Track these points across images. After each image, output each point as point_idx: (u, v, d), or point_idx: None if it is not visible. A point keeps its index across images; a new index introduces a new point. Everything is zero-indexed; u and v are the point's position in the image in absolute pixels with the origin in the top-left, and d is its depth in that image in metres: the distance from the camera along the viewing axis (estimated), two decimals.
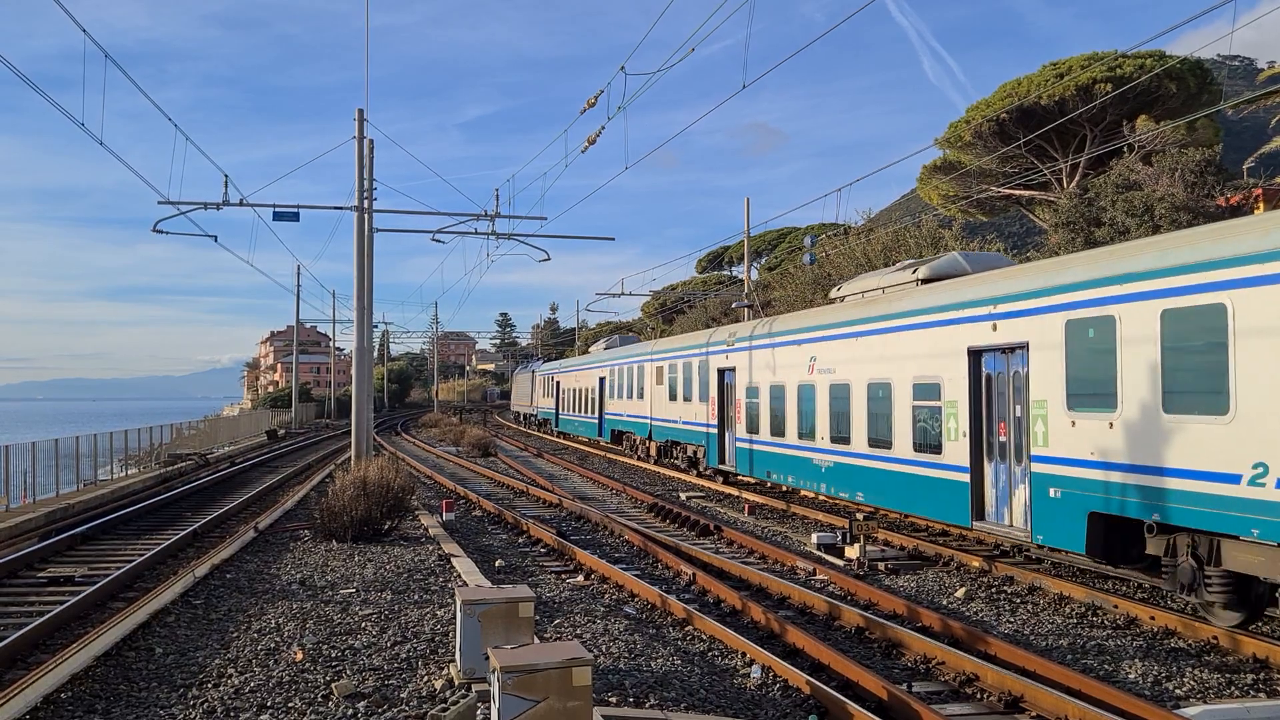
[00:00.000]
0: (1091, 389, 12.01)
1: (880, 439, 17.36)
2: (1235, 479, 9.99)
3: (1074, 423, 12.33)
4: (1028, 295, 13.39)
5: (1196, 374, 10.49)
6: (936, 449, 15.52)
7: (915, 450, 16.18)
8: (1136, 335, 11.31)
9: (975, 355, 14.69)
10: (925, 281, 17.18)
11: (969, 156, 41.37)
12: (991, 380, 14.47)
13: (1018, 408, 13.76)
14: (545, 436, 55.33)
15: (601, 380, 40.83)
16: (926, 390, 15.91)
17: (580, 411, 45.71)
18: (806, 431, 20.19)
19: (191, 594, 12.69)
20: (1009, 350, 13.97)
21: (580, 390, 45.76)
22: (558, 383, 52.29)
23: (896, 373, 16.82)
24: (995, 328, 14.09)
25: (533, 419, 64.39)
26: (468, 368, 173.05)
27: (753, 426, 22.95)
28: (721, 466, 25.77)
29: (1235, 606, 10.67)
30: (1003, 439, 14.15)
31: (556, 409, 52.52)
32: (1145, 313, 11.21)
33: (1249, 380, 9.86)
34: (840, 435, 18.84)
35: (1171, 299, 10.87)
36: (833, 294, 21.31)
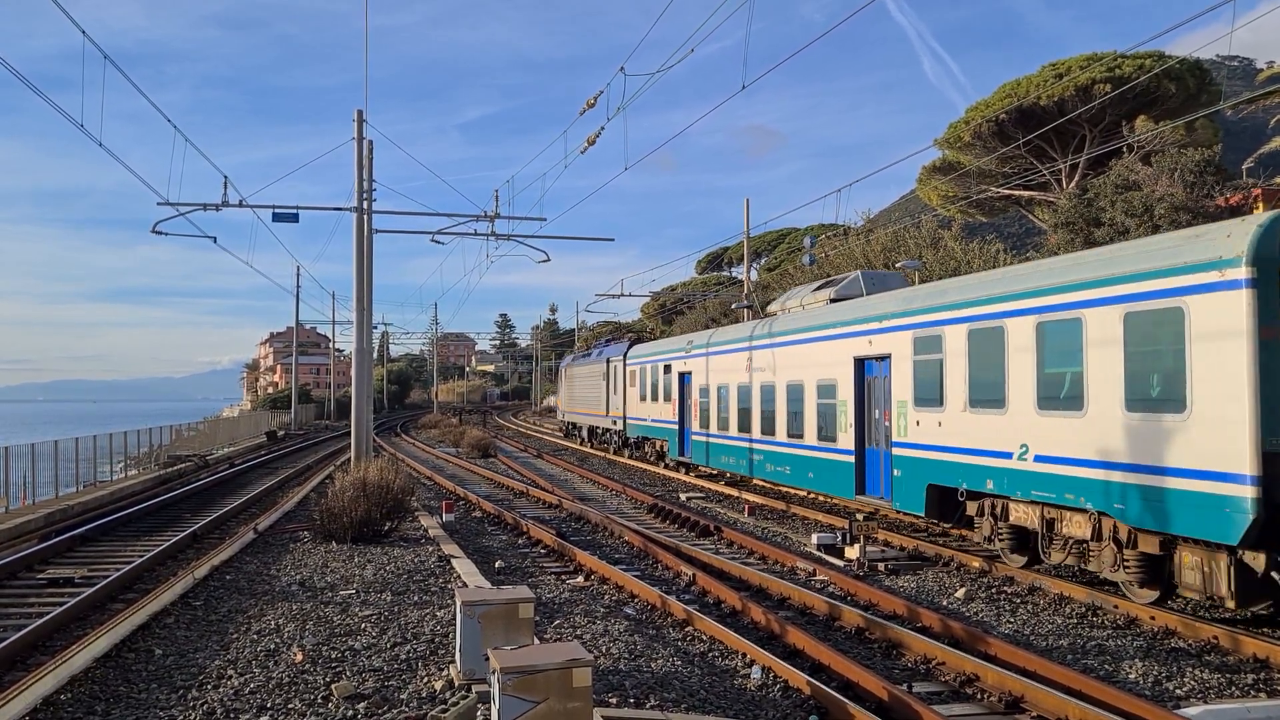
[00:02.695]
0: None
1: None
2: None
3: None
4: None
5: None
6: None
7: None
8: None
9: None
10: None
11: (968, 157, 41.43)
12: None
13: None
14: (632, 464, 34.10)
15: (868, 367, 18.39)
16: None
17: (767, 432, 22.99)
18: None
19: (191, 595, 12.68)
20: None
21: (765, 390, 23.15)
22: (683, 375, 29.92)
23: None
24: None
25: (609, 436, 39.86)
26: (467, 369, 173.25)
27: None
28: None
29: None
30: None
31: (682, 422, 30.07)
32: None
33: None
34: None
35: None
36: None
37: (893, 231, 40.94)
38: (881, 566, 15.02)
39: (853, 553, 15.28)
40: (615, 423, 37.95)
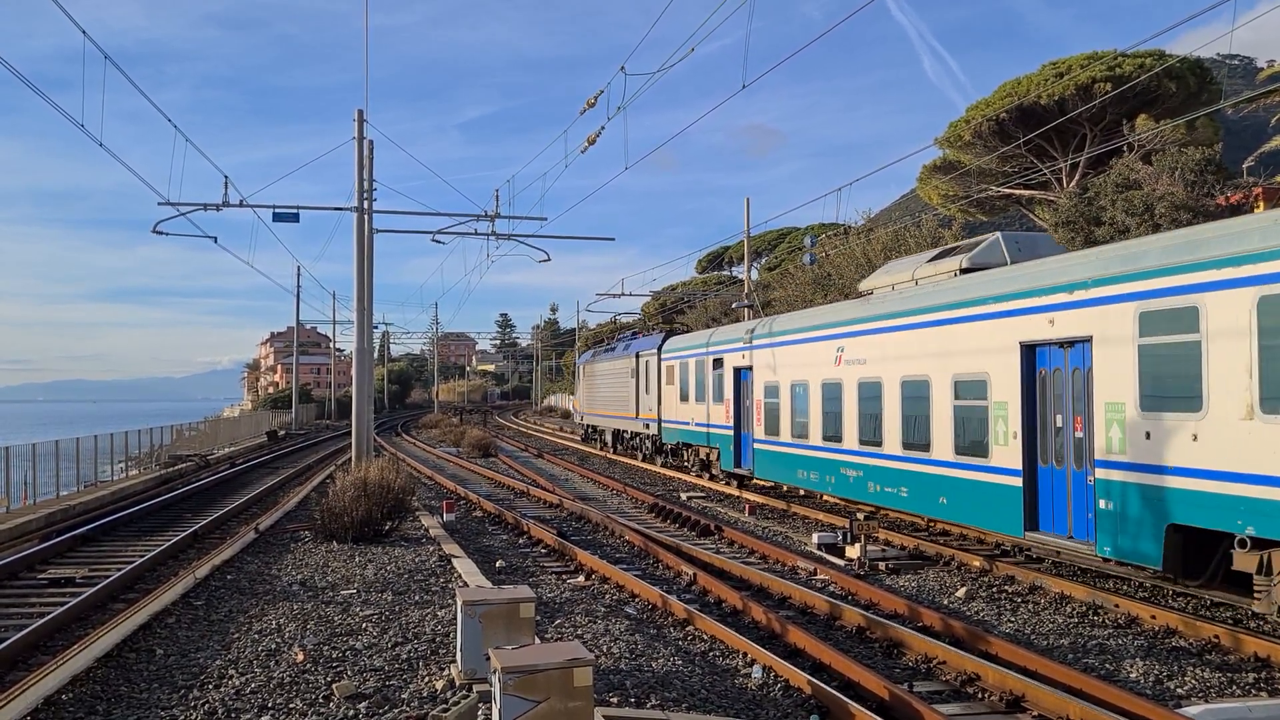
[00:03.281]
0: None
1: None
2: None
3: None
4: None
5: None
6: None
7: None
8: None
9: None
10: None
11: (969, 156, 41.38)
12: None
13: None
14: (663, 472, 30.42)
15: (1041, 356, 13.72)
16: None
17: (870, 442, 18.01)
18: None
19: (192, 595, 12.69)
20: None
21: (865, 388, 18.24)
22: (740, 371, 25.09)
23: None
24: None
25: (639, 441, 35.02)
26: (468, 368, 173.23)
27: None
28: None
29: None
30: None
31: (738, 426, 25.15)
32: None
33: None
34: None
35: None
36: None
37: (893, 231, 40.91)
38: (882, 566, 15.02)
39: (853, 552, 15.28)
40: (647, 426, 33.04)
